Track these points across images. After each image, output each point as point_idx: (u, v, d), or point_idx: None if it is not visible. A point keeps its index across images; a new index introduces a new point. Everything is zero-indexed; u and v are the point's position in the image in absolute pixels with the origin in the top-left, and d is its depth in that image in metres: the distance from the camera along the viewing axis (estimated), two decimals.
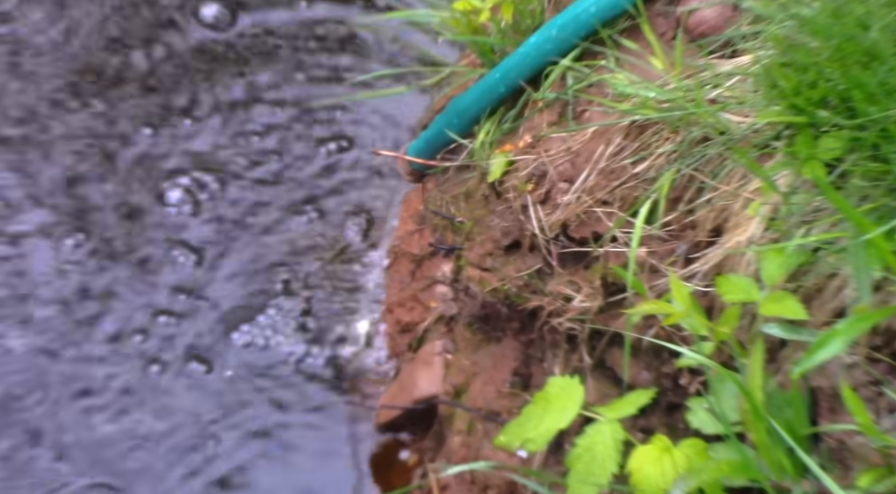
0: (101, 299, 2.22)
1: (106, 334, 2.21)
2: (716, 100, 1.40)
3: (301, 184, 2.43)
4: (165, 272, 2.28)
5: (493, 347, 1.90)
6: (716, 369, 1.29)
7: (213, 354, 2.25)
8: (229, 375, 2.20)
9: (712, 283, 1.38)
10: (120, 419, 2.13)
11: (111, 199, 2.31)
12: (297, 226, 2.35)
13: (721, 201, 1.38)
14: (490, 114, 1.77)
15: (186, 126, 2.43)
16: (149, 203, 2.32)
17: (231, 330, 2.26)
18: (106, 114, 2.45)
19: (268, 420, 2.20)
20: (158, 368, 2.21)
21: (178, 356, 2.22)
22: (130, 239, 2.29)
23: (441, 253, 1.99)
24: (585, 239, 1.57)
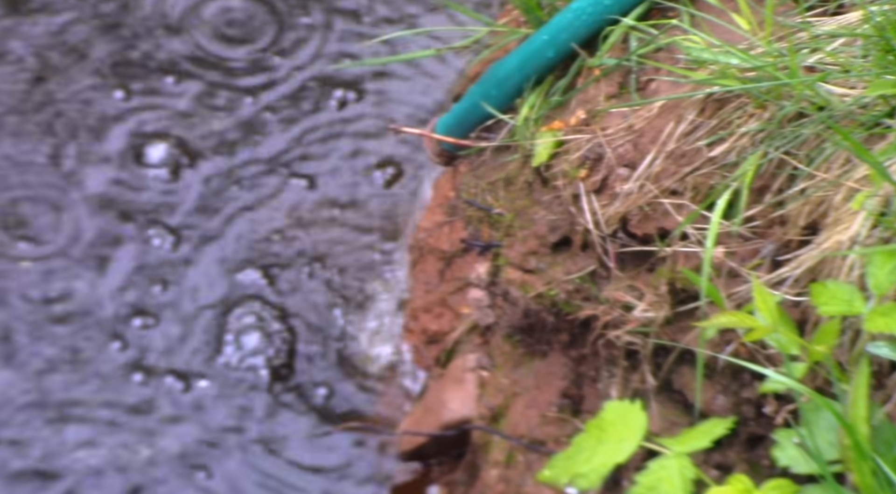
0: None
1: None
2: (814, 69, 1.39)
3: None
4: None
5: (537, 363, 1.89)
6: (809, 395, 1.30)
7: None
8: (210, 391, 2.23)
9: (805, 292, 1.38)
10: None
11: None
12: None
13: (818, 192, 1.38)
14: (535, 84, 1.76)
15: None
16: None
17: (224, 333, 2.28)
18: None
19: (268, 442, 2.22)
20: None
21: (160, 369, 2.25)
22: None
23: (475, 251, 1.98)
24: (649, 236, 1.56)
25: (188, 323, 2.32)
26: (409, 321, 2.35)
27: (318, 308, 2.36)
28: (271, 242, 2.41)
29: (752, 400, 1.50)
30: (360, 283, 2.39)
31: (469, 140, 1.90)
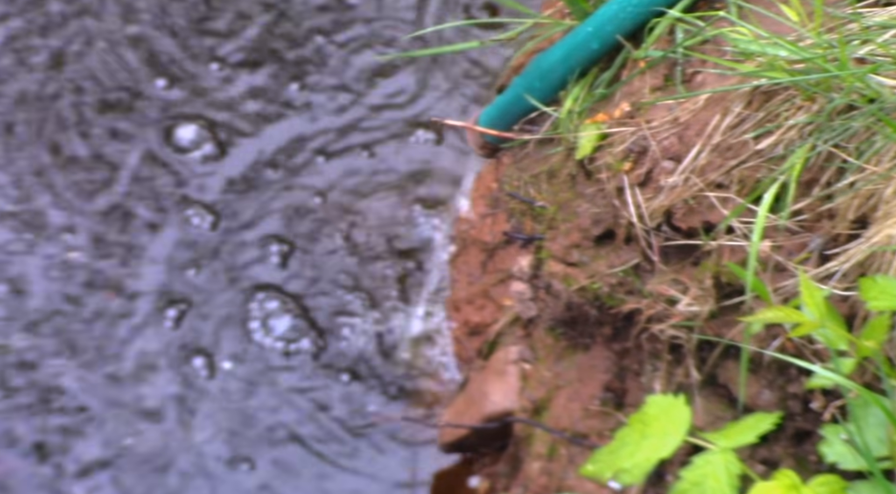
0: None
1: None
2: (865, 60, 1.38)
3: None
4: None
5: (579, 356, 1.89)
6: (857, 391, 1.29)
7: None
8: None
9: (854, 286, 1.36)
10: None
11: None
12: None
13: (867, 185, 1.36)
14: (580, 77, 1.75)
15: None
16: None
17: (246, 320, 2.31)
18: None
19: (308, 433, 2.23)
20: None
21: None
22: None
23: (518, 244, 1.98)
24: (694, 229, 1.55)
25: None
26: (451, 312, 2.35)
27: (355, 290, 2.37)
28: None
29: (798, 395, 1.48)
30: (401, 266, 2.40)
31: (512, 132, 1.89)
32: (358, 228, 2.41)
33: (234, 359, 2.27)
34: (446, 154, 2.46)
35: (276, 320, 2.32)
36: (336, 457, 2.24)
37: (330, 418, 2.27)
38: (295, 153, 2.46)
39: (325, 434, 2.26)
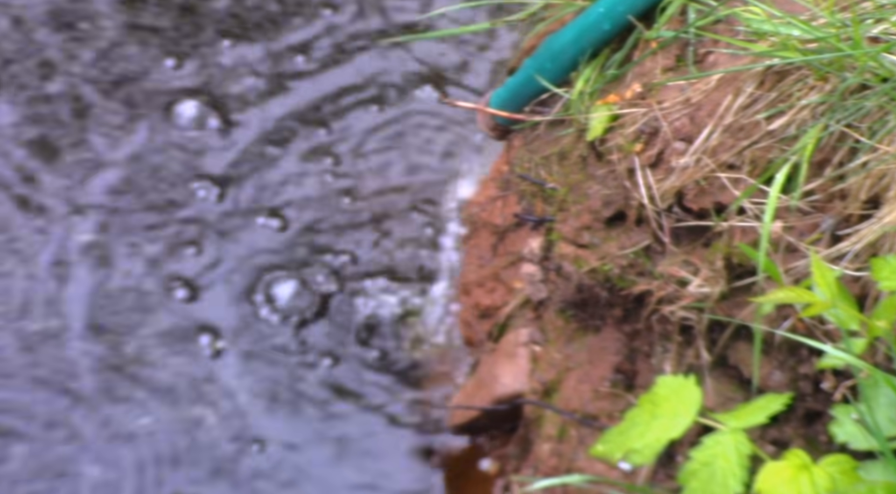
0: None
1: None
2: (878, 39, 1.37)
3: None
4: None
5: (590, 338, 1.88)
6: (868, 371, 1.29)
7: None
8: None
9: (865, 267, 1.36)
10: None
11: None
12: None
13: (880, 165, 1.36)
14: (591, 58, 1.74)
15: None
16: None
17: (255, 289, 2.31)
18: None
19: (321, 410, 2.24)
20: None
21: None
22: None
23: (528, 225, 1.97)
24: (705, 210, 1.54)
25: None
26: (461, 295, 2.35)
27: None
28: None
29: (809, 375, 1.48)
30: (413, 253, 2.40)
31: (523, 114, 1.89)
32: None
33: (237, 335, 2.27)
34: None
35: (281, 292, 2.32)
36: (346, 439, 2.24)
37: (339, 398, 2.28)
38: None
39: (334, 415, 2.27)
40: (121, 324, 2.29)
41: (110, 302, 2.32)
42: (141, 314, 2.31)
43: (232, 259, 2.36)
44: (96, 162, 2.43)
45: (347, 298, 2.34)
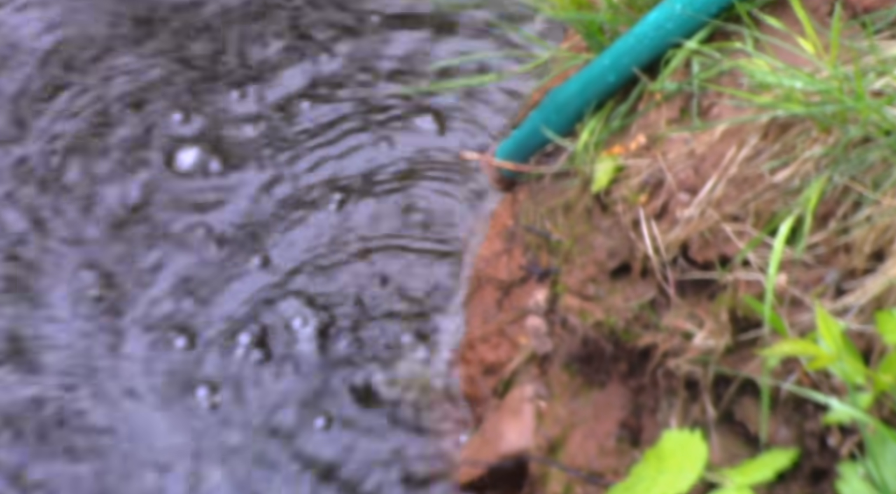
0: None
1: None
2: (882, 93, 1.38)
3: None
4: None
5: (595, 393, 1.87)
6: (875, 427, 1.27)
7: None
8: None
9: (871, 320, 1.36)
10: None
11: None
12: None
13: (884, 218, 1.36)
14: (596, 109, 1.76)
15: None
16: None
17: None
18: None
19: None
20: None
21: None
22: None
23: (534, 278, 1.97)
24: (710, 262, 1.54)
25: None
26: (465, 351, 2.34)
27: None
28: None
29: (815, 432, 1.46)
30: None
31: (529, 165, 1.90)
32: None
33: (234, 387, 2.26)
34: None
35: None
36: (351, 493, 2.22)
37: (343, 453, 2.26)
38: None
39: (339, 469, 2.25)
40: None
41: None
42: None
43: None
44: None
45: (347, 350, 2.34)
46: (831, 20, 1.47)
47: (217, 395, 2.26)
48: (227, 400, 2.26)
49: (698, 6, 1.59)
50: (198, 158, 2.53)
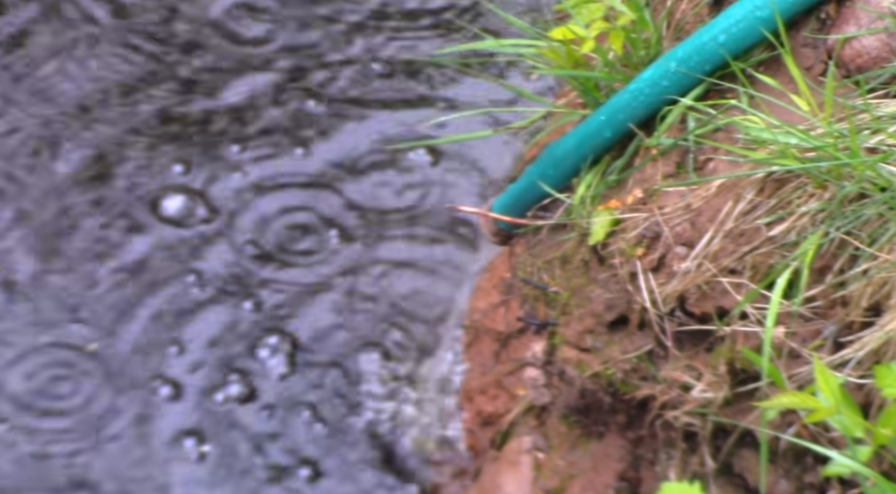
0: None
1: None
2: (876, 150, 1.39)
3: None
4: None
5: (593, 445, 1.87)
6: (875, 480, 1.27)
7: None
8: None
9: (869, 374, 1.36)
10: None
11: None
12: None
13: (881, 273, 1.36)
14: (592, 164, 1.76)
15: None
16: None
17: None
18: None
19: None
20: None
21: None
22: None
23: (531, 330, 1.98)
24: (708, 315, 1.55)
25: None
26: (463, 402, 2.34)
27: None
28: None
29: (815, 484, 1.47)
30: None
31: (526, 219, 1.90)
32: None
33: (220, 444, 2.25)
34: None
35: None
36: None
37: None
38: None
39: None
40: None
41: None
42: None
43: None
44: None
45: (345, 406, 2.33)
46: (825, 79, 1.49)
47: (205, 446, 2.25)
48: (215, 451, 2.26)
49: (693, 64, 1.60)
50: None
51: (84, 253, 2.44)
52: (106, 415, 2.30)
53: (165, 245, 2.44)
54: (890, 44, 1.45)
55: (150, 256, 2.42)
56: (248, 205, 2.50)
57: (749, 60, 1.59)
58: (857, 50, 1.47)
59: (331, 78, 2.62)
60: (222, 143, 2.54)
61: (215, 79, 2.61)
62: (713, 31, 1.59)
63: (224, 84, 2.60)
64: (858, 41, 1.47)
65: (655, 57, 1.69)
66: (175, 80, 2.61)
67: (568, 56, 1.74)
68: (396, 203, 2.49)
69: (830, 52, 1.51)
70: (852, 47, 1.48)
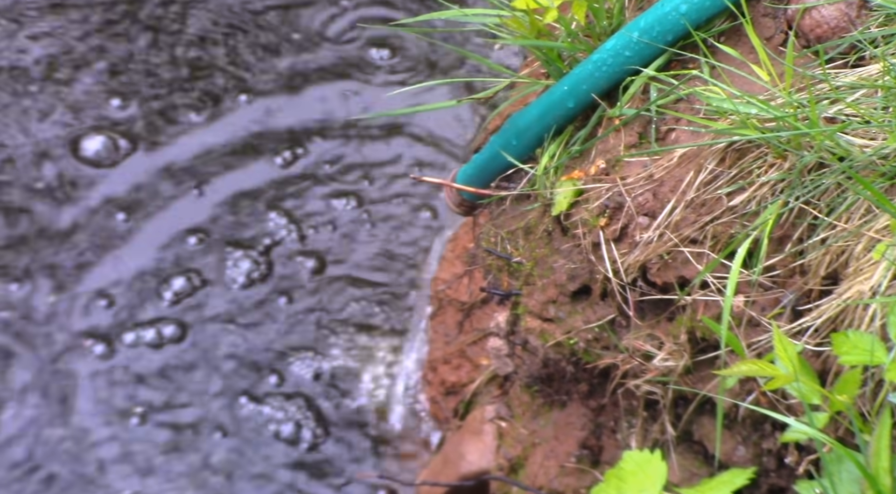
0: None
1: None
2: (834, 119, 1.39)
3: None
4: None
5: (555, 413, 1.87)
6: (831, 446, 1.28)
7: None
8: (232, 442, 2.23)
9: (826, 342, 1.37)
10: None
11: None
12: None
13: (838, 241, 1.37)
14: (556, 135, 1.75)
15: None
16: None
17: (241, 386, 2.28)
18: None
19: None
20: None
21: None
22: None
23: (494, 300, 1.97)
24: (669, 284, 1.55)
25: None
26: (427, 372, 2.34)
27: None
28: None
29: (773, 451, 1.48)
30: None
31: (489, 189, 1.90)
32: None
33: (220, 430, 2.25)
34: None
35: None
36: None
37: (309, 475, 2.25)
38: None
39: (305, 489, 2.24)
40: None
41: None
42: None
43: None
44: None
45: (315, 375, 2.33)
46: (785, 49, 1.49)
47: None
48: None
49: (655, 34, 1.60)
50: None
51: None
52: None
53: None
54: (848, 14, 1.45)
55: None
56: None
57: (710, 30, 1.59)
58: (817, 20, 1.47)
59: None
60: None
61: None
62: (675, 1, 1.58)
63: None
64: (818, 11, 1.47)
65: (618, 27, 1.68)
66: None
67: (531, 26, 1.73)
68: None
69: (790, 23, 1.51)
70: (812, 17, 1.48)
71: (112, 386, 2.28)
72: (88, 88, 2.49)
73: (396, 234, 2.46)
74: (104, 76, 2.51)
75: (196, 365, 2.32)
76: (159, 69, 2.54)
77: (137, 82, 2.52)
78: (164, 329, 2.34)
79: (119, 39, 2.56)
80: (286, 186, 2.48)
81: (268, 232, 2.44)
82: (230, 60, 2.59)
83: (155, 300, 2.36)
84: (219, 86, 2.56)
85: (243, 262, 2.39)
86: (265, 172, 2.51)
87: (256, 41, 2.61)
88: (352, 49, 2.61)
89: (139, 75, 2.52)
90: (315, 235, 2.44)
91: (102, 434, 2.24)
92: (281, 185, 2.48)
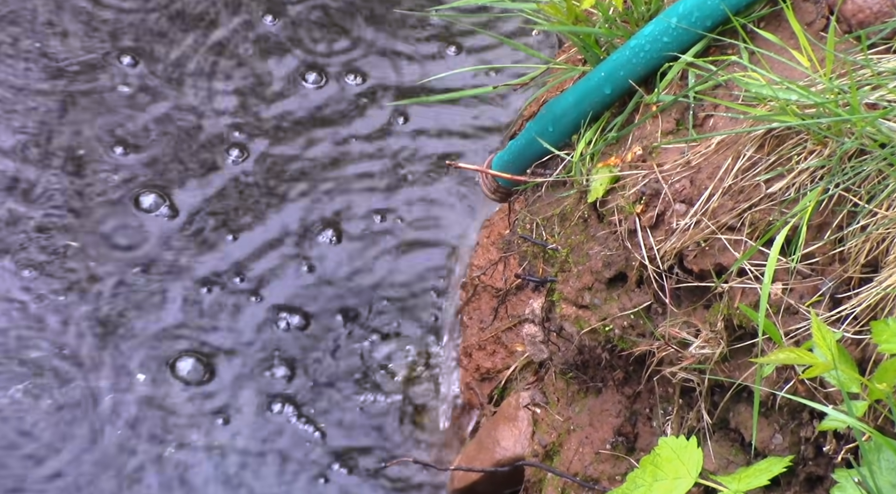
0: None
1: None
2: (876, 105, 1.38)
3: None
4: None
5: (591, 400, 1.87)
6: (870, 434, 1.27)
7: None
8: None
9: (866, 329, 1.36)
10: None
11: None
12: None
13: (879, 229, 1.36)
14: (592, 121, 1.75)
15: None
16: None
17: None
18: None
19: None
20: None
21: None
22: None
23: (530, 287, 1.97)
24: (706, 272, 1.54)
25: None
26: (462, 358, 2.34)
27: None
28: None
29: (810, 439, 1.47)
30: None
31: (525, 176, 1.89)
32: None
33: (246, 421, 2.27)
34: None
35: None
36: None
37: (344, 461, 2.26)
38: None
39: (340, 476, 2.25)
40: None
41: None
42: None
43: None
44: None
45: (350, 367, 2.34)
46: (826, 34, 1.47)
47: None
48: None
49: (694, 20, 1.59)
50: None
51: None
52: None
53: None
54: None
55: None
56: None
57: (750, 16, 1.58)
58: (859, 4, 1.46)
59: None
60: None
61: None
62: None
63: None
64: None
65: (656, 12, 1.67)
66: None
67: (568, 12, 1.72)
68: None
69: (832, 8, 1.49)
70: (854, 2, 1.47)
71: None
72: None
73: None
74: None
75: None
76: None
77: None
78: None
79: None
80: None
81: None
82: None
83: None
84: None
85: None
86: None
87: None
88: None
89: None
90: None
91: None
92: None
